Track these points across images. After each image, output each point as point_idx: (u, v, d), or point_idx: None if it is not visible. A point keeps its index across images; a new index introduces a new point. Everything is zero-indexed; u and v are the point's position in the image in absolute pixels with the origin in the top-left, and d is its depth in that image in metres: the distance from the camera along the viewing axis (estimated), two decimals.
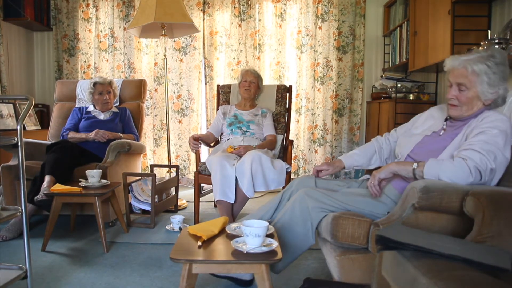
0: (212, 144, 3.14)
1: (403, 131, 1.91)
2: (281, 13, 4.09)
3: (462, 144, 1.50)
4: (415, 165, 1.47)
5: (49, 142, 3.05)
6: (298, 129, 4.20)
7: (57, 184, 2.40)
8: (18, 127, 1.55)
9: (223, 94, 3.36)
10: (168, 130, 3.61)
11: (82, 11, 4.23)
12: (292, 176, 3.14)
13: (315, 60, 4.09)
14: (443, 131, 1.68)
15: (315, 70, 4.10)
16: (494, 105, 1.59)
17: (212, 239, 1.58)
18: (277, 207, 1.88)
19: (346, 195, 1.66)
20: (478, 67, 1.52)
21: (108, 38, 4.20)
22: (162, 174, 4.12)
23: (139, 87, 3.49)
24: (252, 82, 3.08)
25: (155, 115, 4.27)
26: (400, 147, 1.79)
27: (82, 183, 2.47)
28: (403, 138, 1.83)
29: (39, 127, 3.95)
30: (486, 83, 1.52)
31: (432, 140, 1.68)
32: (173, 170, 3.55)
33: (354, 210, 1.58)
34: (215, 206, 3.29)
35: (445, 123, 1.70)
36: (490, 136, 1.43)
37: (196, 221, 2.82)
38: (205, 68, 4.20)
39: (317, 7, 4.04)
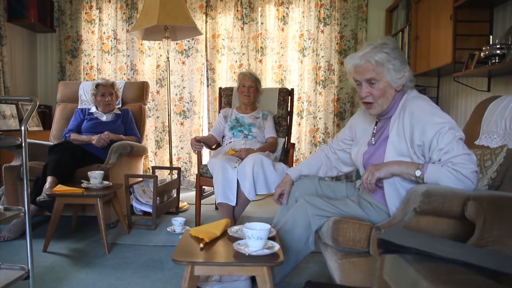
0: (213, 147, 3.14)
1: (347, 143, 1.89)
2: (283, 16, 4.10)
3: (434, 152, 1.46)
4: (418, 172, 1.44)
5: (51, 143, 3.07)
6: (300, 132, 4.20)
7: (59, 185, 2.41)
8: (22, 128, 1.55)
9: (225, 96, 3.37)
10: (170, 132, 3.62)
11: (86, 13, 4.25)
12: None
13: (317, 63, 4.10)
14: (373, 138, 1.70)
15: (316, 74, 4.11)
16: (406, 89, 1.61)
17: (214, 241, 1.59)
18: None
19: (345, 203, 1.66)
20: (379, 57, 1.53)
21: (111, 40, 4.22)
22: (163, 176, 4.13)
23: (142, 89, 3.50)
24: (250, 87, 3.03)
25: (157, 117, 4.28)
26: (358, 167, 1.78)
27: (84, 184, 2.47)
28: (354, 154, 1.80)
29: (41, 128, 3.96)
30: (393, 69, 1.54)
31: (370, 154, 1.68)
32: (175, 172, 3.56)
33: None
34: (216, 208, 3.29)
35: (375, 127, 1.71)
36: (448, 135, 1.44)
37: (197, 223, 2.82)
38: (207, 71, 4.22)
39: (319, 11, 4.05)
